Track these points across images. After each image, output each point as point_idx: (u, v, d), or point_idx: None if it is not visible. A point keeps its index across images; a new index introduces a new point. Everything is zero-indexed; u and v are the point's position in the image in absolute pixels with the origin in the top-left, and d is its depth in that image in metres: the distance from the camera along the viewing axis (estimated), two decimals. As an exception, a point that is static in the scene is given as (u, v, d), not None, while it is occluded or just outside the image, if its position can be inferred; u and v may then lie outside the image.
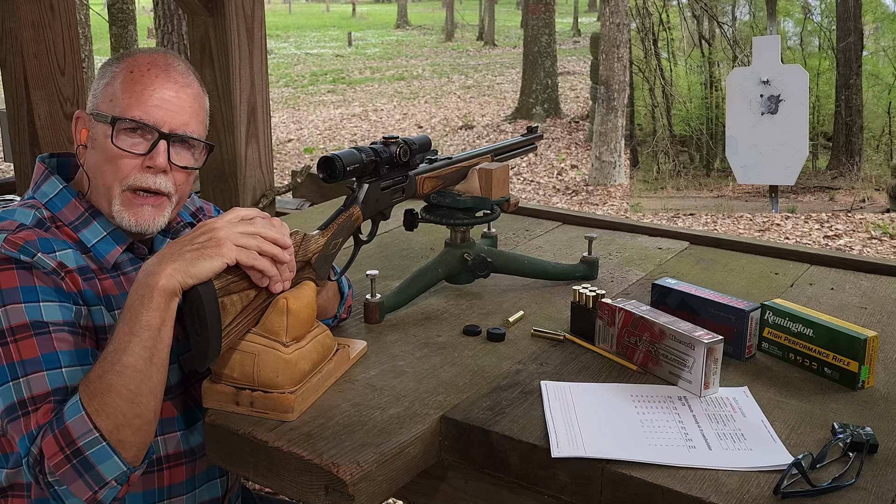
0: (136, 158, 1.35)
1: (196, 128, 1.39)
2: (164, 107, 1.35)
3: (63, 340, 1.24)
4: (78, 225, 1.37)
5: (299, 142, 10.45)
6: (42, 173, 1.41)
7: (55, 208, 1.38)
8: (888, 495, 1.11)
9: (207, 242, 1.24)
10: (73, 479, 1.16)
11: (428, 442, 1.30)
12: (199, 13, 2.90)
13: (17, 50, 2.84)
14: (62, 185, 1.40)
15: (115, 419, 1.17)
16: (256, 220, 1.29)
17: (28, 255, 1.26)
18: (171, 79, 1.37)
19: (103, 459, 1.17)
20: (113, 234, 1.39)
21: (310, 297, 1.37)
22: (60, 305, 1.26)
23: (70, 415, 1.17)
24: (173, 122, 1.36)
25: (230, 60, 2.90)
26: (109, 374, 1.18)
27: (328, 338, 1.42)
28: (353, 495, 1.17)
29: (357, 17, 34.96)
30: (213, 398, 1.33)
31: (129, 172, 1.35)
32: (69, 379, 1.22)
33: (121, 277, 1.39)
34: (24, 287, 1.25)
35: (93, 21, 9.71)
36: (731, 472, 1.16)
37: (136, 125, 1.34)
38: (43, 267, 1.27)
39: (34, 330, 1.22)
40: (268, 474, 1.26)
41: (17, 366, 1.21)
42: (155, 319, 1.20)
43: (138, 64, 1.37)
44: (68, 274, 1.30)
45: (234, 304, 1.27)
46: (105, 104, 1.36)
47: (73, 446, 1.16)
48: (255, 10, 2.97)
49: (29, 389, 1.20)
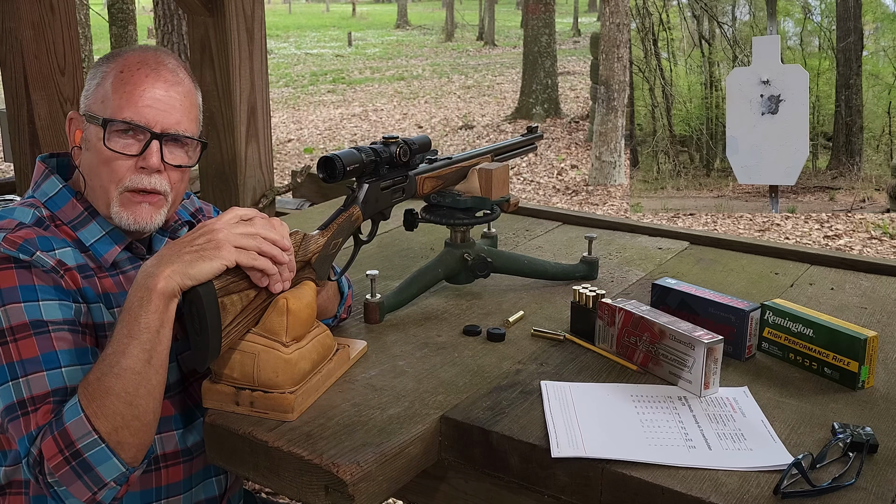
0: (130, 159, 1.34)
1: (188, 125, 1.39)
2: (155, 106, 1.34)
3: (63, 339, 1.24)
4: (77, 224, 1.37)
5: (299, 142, 10.45)
6: (42, 172, 1.42)
7: (55, 207, 1.38)
8: (888, 495, 1.11)
9: (206, 244, 1.23)
10: (73, 480, 1.16)
11: (428, 442, 1.30)
12: (199, 13, 2.90)
13: (17, 50, 2.84)
14: (62, 185, 1.40)
15: (114, 421, 1.17)
16: (256, 220, 1.29)
17: (27, 254, 1.26)
18: (161, 77, 1.36)
19: (102, 461, 1.17)
20: (111, 234, 1.39)
21: (310, 297, 1.37)
22: (60, 304, 1.26)
23: (69, 416, 1.17)
24: (165, 121, 1.35)
25: (230, 60, 2.90)
26: (108, 376, 1.18)
27: (328, 338, 1.42)
28: (353, 495, 1.17)
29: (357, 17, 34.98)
30: (213, 398, 1.33)
31: (123, 174, 1.35)
32: (69, 379, 1.22)
33: (120, 276, 1.39)
34: (23, 286, 1.25)
35: (93, 21, 9.72)
36: (731, 472, 1.16)
37: (128, 126, 1.34)
38: (42, 265, 1.27)
39: (34, 329, 1.22)
40: (268, 474, 1.26)
41: (16, 365, 1.21)
42: (154, 322, 1.20)
43: (128, 64, 1.36)
44: (67, 272, 1.29)
45: (234, 304, 1.27)
46: (97, 105, 1.36)
47: (72, 448, 1.16)
48: (255, 10, 2.97)
49: (29, 389, 1.20)
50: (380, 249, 2.13)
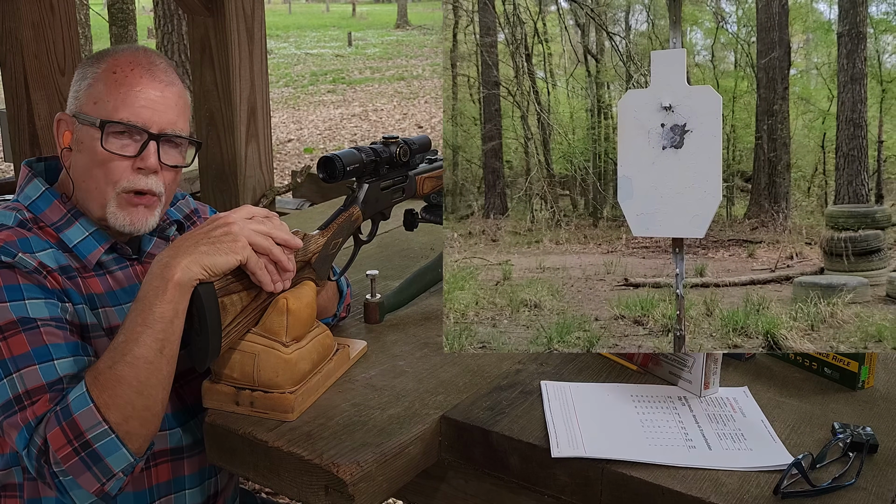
0: (127, 160, 1.34)
1: (183, 125, 1.40)
2: (152, 107, 1.35)
3: (52, 334, 1.24)
4: (60, 226, 1.37)
5: (299, 142, 10.45)
6: (26, 176, 1.42)
7: (38, 210, 1.38)
8: (888, 495, 1.11)
9: (223, 237, 1.24)
10: (82, 471, 1.17)
11: (428, 442, 1.30)
12: (199, 13, 2.90)
13: (17, 50, 2.84)
14: (44, 188, 1.40)
15: (125, 411, 1.17)
16: (267, 220, 1.30)
17: (9, 256, 1.26)
18: (156, 78, 1.36)
19: (112, 452, 1.17)
20: (95, 235, 1.39)
21: (310, 297, 1.37)
22: (46, 302, 1.26)
23: (77, 407, 1.17)
24: (161, 121, 1.35)
25: (230, 60, 2.90)
26: (120, 364, 1.18)
27: (328, 338, 1.42)
28: (353, 495, 1.17)
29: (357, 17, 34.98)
30: (213, 398, 1.33)
31: (120, 175, 1.35)
32: (63, 370, 1.22)
33: (107, 276, 1.39)
34: (7, 286, 1.25)
35: (93, 21, 9.72)
36: (731, 472, 1.16)
37: (125, 127, 1.34)
38: (24, 266, 1.27)
39: (22, 326, 1.22)
40: (268, 474, 1.26)
41: (8, 362, 1.21)
42: (168, 311, 1.20)
43: (120, 64, 1.36)
44: (50, 273, 1.30)
45: (234, 304, 1.27)
46: (89, 106, 1.35)
47: (81, 439, 1.16)
48: (255, 10, 2.97)
49: (23, 384, 1.20)
50: (380, 249, 2.13)
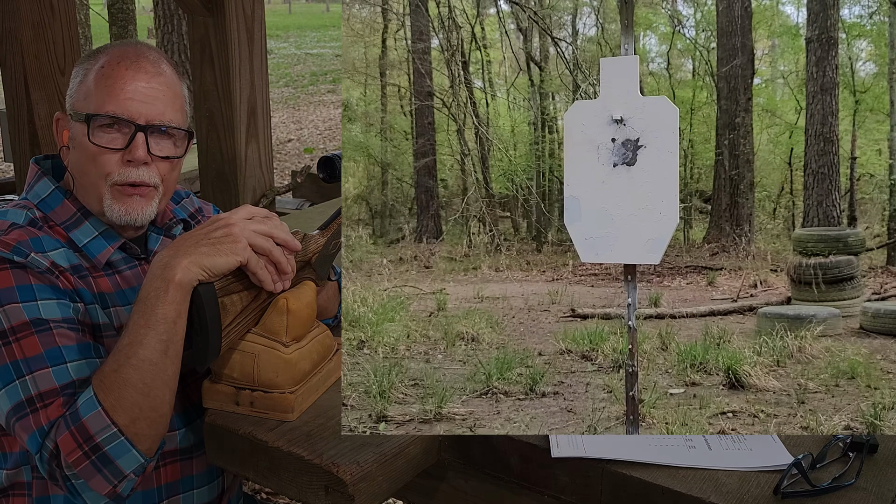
0: (116, 153, 1.34)
1: (173, 116, 1.38)
2: (138, 98, 1.34)
3: (64, 336, 1.24)
4: (70, 225, 1.37)
5: (299, 142, 10.45)
6: (35, 174, 1.42)
7: (47, 208, 1.38)
8: (888, 495, 1.11)
9: (224, 238, 1.24)
10: (93, 474, 1.17)
11: (428, 442, 1.30)
12: (199, 13, 2.90)
13: (17, 50, 2.84)
14: (54, 186, 1.40)
15: (132, 413, 1.17)
16: (267, 220, 1.30)
17: (21, 256, 1.26)
18: (142, 69, 1.36)
19: (122, 454, 1.17)
20: (104, 234, 1.39)
21: (310, 297, 1.37)
22: (58, 303, 1.26)
23: (86, 411, 1.17)
24: (149, 112, 1.35)
25: (230, 60, 2.90)
26: (125, 367, 1.18)
27: (328, 338, 1.42)
28: (353, 495, 1.17)
29: (357, 17, 34.91)
30: (213, 398, 1.33)
31: (111, 168, 1.35)
32: (75, 373, 1.22)
33: (116, 276, 1.39)
34: (20, 286, 1.25)
35: (93, 21, 9.73)
36: (731, 472, 1.16)
37: (112, 120, 1.34)
38: (37, 266, 1.27)
39: (35, 328, 1.22)
40: (268, 474, 1.26)
41: (20, 364, 1.21)
42: (171, 312, 1.20)
43: (109, 59, 1.36)
44: (62, 273, 1.30)
45: (234, 304, 1.27)
46: (80, 103, 1.36)
47: (91, 442, 1.16)
48: (255, 10, 2.97)
49: (35, 386, 1.20)
50: (380, 249, 2.13)
